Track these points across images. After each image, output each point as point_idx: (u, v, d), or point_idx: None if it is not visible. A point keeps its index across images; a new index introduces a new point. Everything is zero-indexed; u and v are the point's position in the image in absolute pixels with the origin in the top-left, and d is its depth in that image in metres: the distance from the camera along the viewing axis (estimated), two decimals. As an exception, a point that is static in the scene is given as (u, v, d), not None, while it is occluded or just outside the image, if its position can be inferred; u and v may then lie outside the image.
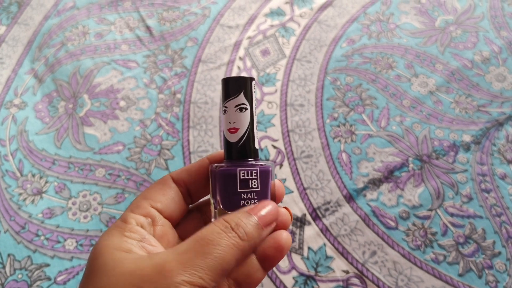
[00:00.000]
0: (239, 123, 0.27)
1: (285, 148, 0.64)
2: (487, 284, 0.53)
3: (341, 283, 0.54)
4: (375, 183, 0.60)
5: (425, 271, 0.54)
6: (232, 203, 0.26)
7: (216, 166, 0.26)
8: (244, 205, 0.26)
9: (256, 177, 0.26)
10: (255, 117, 0.27)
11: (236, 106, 0.27)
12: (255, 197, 0.26)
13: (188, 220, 0.29)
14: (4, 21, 0.82)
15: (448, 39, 0.75)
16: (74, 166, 0.64)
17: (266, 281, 0.54)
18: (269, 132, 0.66)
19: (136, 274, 0.21)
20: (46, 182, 0.62)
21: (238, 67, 0.73)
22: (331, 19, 0.79)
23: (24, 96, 0.71)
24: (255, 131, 0.27)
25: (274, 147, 0.64)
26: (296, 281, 0.54)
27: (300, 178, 0.61)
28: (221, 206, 0.26)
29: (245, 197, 0.26)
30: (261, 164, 0.27)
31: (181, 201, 0.28)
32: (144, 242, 0.24)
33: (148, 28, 0.79)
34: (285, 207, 0.27)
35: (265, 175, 0.26)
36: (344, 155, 0.63)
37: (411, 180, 0.60)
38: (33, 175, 0.63)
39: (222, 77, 0.72)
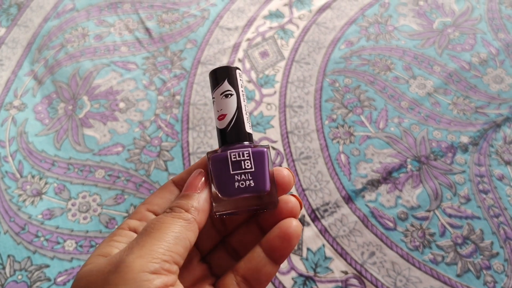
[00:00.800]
0: (226, 109, 0.27)
1: (284, 150, 0.64)
2: (485, 285, 0.53)
3: (340, 284, 0.54)
4: (373, 184, 0.61)
5: (423, 271, 0.54)
6: (227, 186, 0.26)
7: (209, 153, 0.26)
8: (239, 187, 0.25)
9: (248, 157, 0.26)
10: (243, 103, 0.27)
11: (221, 94, 0.27)
12: (250, 177, 0.26)
13: None
14: (3, 23, 0.82)
15: (446, 41, 0.76)
16: (74, 167, 0.64)
17: (265, 281, 0.54)
18: (268, 134, 0.66)
19: (94, 273, 0.21)
20: (46, 183, 0.62)
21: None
22: (329, 21, 0.80)
23: (24, 98, 0.71)
24: (245, 115, 0.27)
25: (273, 148, 0.65)
26: (295, 282, 0.54)
27: (299, 179, 0.62)
28: (217, 193, 0.26)
29: (239, 178, 0.25)
30: (252, 146, 0.26)
31: None
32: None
33: (147, 30, 0.79)
34: (293, 195, 0.26)
35: (259, 156, 0.26)
36: (342, 156, 0.63)
37: (409, 181, 0.61)
38: (33, 176, 0.63)
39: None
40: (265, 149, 0.26)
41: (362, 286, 0.54)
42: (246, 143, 0.27)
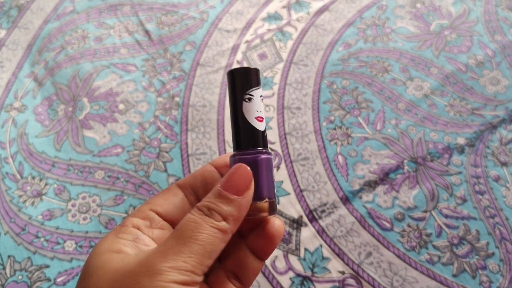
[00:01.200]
0: (263, 113, 0.27)
1: (282, 151, 0.65)
2: (480, 285, 0.54)
3: (337, 284, 0.54)
4: (370, 185, 0.61)
5: (419, 271, 0.55)
6: (272, 189, 0.26)
7: (257, 154, 0.26)
8: (275, 193, 0.26)
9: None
10: None
11: (260, 96, 0.27)
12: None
13: None
14: (4, 25, 0.83)
15: (443, 43, 0.76)
16: (74, 168, 0.64)
17: (263, 281, 0.55)
18: (269, 137, 0.66)
19: (120, 271, 0.22)
20: (46, 184, 0.63)
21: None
22: (327, 23, 0.80)
23: (24, 99, 0.72)
24: None
25: (271, 149, 0.65)
26: (293, 282, 0.55)
27: (297, 180, 0.62)
28: (265, 196, 0.25)
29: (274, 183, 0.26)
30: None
31: (186, 206, 0.28)
32: (138, 242, 0.25)
33: (147, 32, 0.80)
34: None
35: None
36: (340, 158, 0.64)
37: (406, 182, 0.61)
38: (33, 178, 0.63)
39: (220, 80, 0.73)
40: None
41: (359, 286, 0.54)
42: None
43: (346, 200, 0.60)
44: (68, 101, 0.71)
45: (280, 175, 0.63)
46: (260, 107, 0.27)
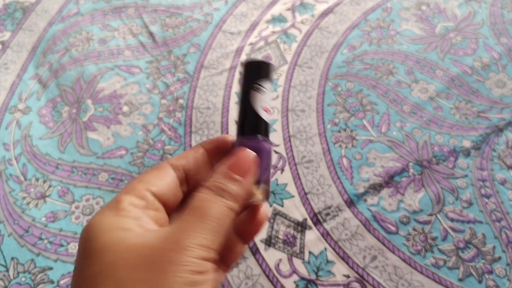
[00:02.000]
0: (270, 105, 0.28)
1: (287, 153, 0.65)
2: (487, 289, 0.53)
3: (341, 288, 0.54)
4: (375, 188, 0.61)
5: (425, 275, 0.54)
6: (268, 177, 0.27)
7: (259, 141, 0.27)
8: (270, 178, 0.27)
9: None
10: None
11: (270, 90, 0.28)
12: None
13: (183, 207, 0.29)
14: (9, 27, 0.83)
15: (448, 45, 0.76)
16: (78, 170, 0.64)
17: (267, 284, 0.54)
18: (270, 137, 0.66)
19: (144, 246, 0.22)
20: (50, 186, 0.63)
21: (240, 73, 0.74)
22: (332, 25, 0.80)
23: (29, 101, 0.72)
24: None
25: (276, 152, 0.65)
26: (297, 285, 0.54)
27: (301, 183, 0.62)
28: (263, 182, 0.26)
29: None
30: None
31: (177, 188, 0.27)
32: (141, 221, 0.24)
33: (151, 34, 0.80)
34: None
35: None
36: (344, 160, 0.64)
37: (411, 185, 0.61)
38: (37, 179, 0.63)
39: (224, 82, 0.73)
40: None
41: (364, 290, 0.54)
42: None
43: (350, 203, 0.60)
44: (72, 103, 0.71)
45: (284, 177, 0.62)
46: (268, 100, 0.27)
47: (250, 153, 0.25)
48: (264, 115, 0.27)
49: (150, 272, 0.21)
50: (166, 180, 0.27)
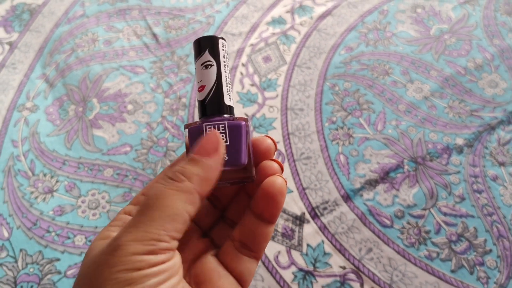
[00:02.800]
0: (205, 80, 0.26)
1: (286, 150, 0.67)
2: (478, 280, 0.55)
3: (338, 278, 0.56)
4: (371, 183, 0.63)
5: (419, 267, 0.56)
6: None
7: (186, 125, 0.26)
8: None
9: (224, 131, 0.25)
10: (224, 74, 0.26)
11: (202, 64, 0.26)
12: (225, 152, 0.25)
13: None
14: (16, 28, 0.85)
15: (442, 47, 0.78)
16: (84, 166, 0.67)
17: (266, 275, 0.56)
18: (270, 135, 0.68)
19: (95, 253, 0.22)
20: (57, 181, 0.65)
21: (241, 73, 0.76)
22: (330, 27, 0.82)
23: (36, 100, 0.74)
24: (225, 87, 0.26)
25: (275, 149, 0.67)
26: (296, 276, 0.56)
27: (299, 179, 0.64)
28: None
29: None
30: (230, 119, 0.25)
31: None
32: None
33: (154, 35, 0.83)
34: (267, 135, 0.26)
35: (235, 130, 0.25)
36: (342, 157, 0.66)
37: (406, 181, 0.63)
38: (45, 175, 0.66)
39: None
40: (242, 123, 0.25)
41: (359, 280, 0.56)
42: (226, 115, 0.26)
43: (347, 198, 0.62)
44: (79, 101, 0.74)
45: (284, 173, 0.65)
46: (200, 76, 0.26)
47: (213, 133, 0.24)
48: (199, 96, 0.26)
49: (92, 279, 0.21)
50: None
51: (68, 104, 0.74)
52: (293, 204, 0.62)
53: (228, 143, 0.25)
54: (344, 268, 0.57)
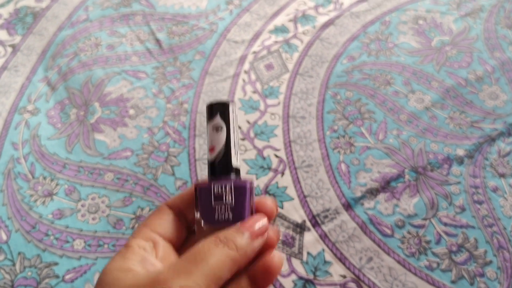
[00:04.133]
0: (215, 142, 0.29)
1: (287, 158, 0.67)
2: (478, 291, 0.55)
3: (338, 287, 0.56)
4: (372, 192, 0.63)
5: (419, 277, 0.56)
6: (209, 216, 0.28)
7: (196, 184, 0.29)
8: (219, 218, 0.28)
9: (230, 191, 0.28)
10: (233, 136, 0.29)
11: (213, 127, 0.29)
12: (229, 210, 0.27)
13: (188, 244, 0.31)
14: (19, 31, 0.85)
15: (443, 58, 0.79)
16: (84, 170, 0.66)
17: (266, 283, 0.56)
18: (271, 142, 0.69)
19: (134, 285, 0.23)
20: (57, 184, 0.65)
21: (243, 80, 0.77)
22: (332, 37, 0.83)
23: (37, 103, 0.74)
24: (233, 150, 0.29)
25: (276, 156, 0.67)
26: (296, 284, 0.56)
27: (300, 186, 0.64)
28: (201, 219, 0.28)
29: (220, 210, 0.28)
30: (236, 180, 0.28)
31: (178, 225, 0.29)
32: (145, 262, 0.26)
33: (157, 41, 0.83)
34: (270, 197, 0.29)
35: (240, 191, 0.28)
36: (343, 166, 0.66)
37: (406, 190, 0.63)
38: (44, 178, 0.65)
39: (228, 89, 0.76)
40: (247, 184, 0.28)
41: (360, 290, 0.56)
42: (232, 176, 0.29)
43: (348, 206, 0.62)
44: (80, 105, 0.74)
45: (285, 181, 0.65)
46: (211, 138, 0.29)
47: (265, 220, 0.27)
48: (209, 156, 0.29)
49: None
50: (166, 219, 0.29)
51: (69, 108, 0.73)
52: (294, 212, 0.62)
53: (233, 203, 0.28)
54: (344, 277, 0.57)
